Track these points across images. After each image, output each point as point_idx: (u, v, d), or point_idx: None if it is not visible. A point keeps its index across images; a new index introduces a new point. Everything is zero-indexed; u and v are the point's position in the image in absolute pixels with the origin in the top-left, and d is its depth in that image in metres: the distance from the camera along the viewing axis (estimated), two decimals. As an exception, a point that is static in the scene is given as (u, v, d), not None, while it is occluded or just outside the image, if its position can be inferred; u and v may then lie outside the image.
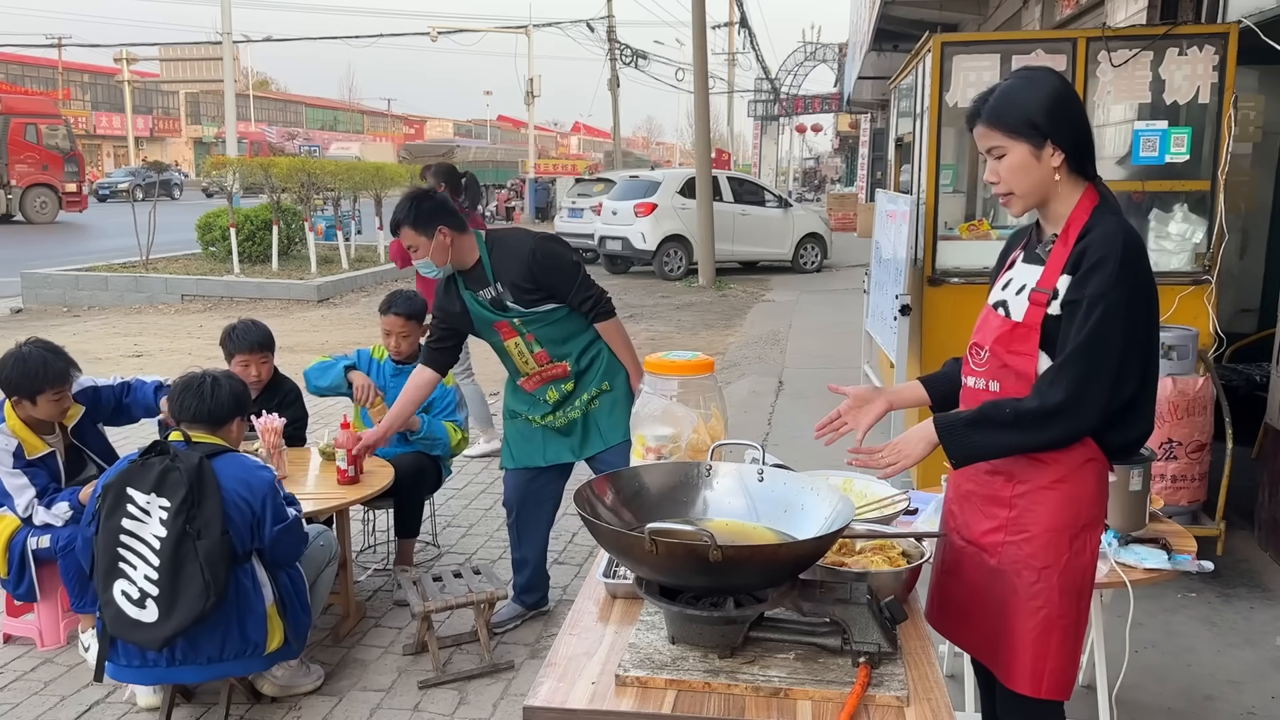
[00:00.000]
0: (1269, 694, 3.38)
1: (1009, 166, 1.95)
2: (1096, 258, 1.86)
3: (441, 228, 3.44)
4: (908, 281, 4.59)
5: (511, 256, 3.51)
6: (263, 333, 4.18)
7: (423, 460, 4.24)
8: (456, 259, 3.53)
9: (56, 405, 3.56)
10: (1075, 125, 1.95)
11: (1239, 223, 5.98)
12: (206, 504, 2.91)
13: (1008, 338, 1.98)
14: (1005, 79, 2.03)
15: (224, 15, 21.26)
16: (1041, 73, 2.00)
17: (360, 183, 15.71)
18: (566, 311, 3.55)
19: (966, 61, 4.48)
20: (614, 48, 32.96)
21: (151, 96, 57.05)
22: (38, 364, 3.48)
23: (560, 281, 3.52)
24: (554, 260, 3.53)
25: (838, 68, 32.43)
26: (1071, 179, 1.96)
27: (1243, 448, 4.38)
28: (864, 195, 26.81)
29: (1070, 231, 1.94)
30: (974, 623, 2.10)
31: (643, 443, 2.27)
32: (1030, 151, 1.93)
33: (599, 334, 3.62)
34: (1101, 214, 1.94)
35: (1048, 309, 1.93)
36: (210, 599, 2.88)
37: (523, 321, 3.52)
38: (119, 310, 12.48)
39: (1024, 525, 1.99)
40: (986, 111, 1.97)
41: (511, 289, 3.50)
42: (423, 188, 4.43)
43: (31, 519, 3.51)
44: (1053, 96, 1.92)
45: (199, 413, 3.12)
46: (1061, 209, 1.97)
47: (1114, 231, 1.88)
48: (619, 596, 1.96)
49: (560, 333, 3.56)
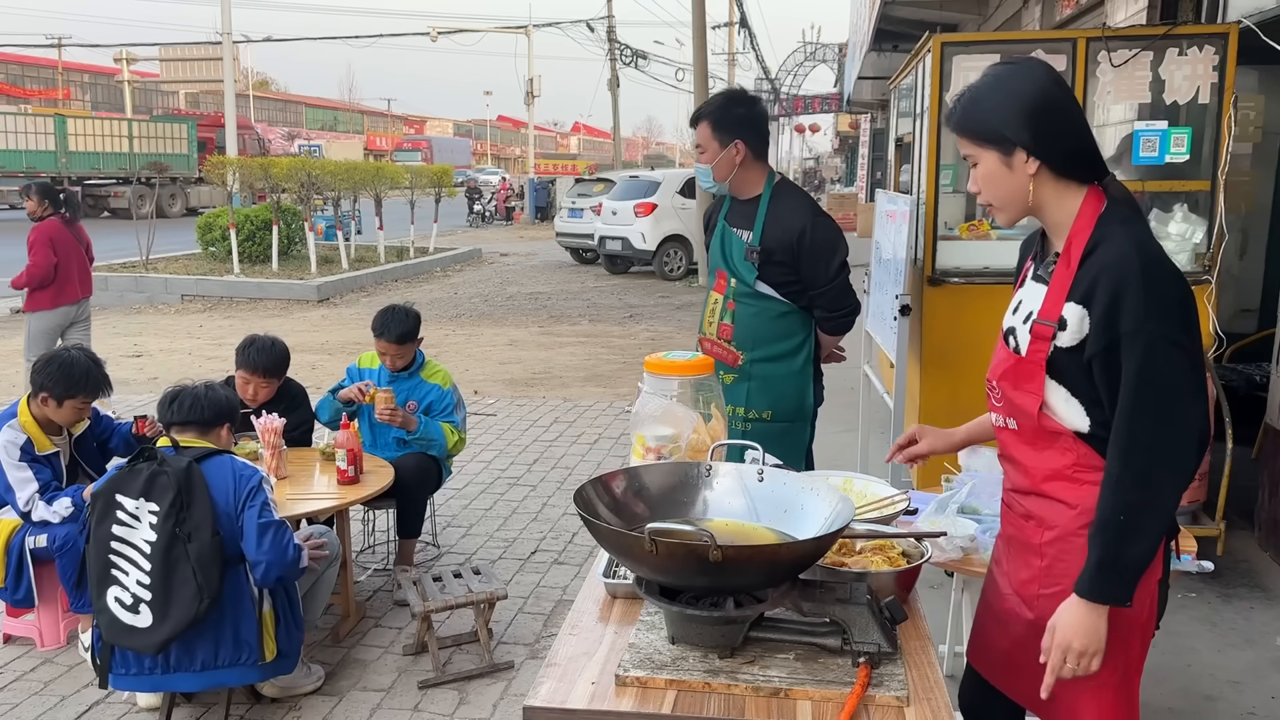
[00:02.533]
0: (1269, 694, 3.38)
1: (981, 175, 1.80)
2: (1114, 286, 1.65)
3: (740, 141, 3.10)
4: (908, 281, 4.59)
5: (788, 215, 3.12)
6: (274, 358, 4.13)
7: (425, 461, 4.24)
8: (737, 181, 3.17)
9: (77, 413, 3.63)
10: (1054, 129, 1.74)
11: (1239, 223, 5.98)
12: (196, 506, 2.90)
13: (1013, 373, 1.83)
14: (978, 79, 1.84)
15: (224, 15, 21.26)
16: (1011, 71, 1.79)
17: (360, 182, 15.72)
18: (790, 310, 3.17)
19: (966, 61, 4.47)
20: (614, 48, 32.93)
21: (151, 96, 56.97)
22: (82, 371, 3.57)
23: (819, 271, 3.11)
24: (826, 242, 3.11)
25: (838, 68, 32.43)
26: (1060, 185, 1.76)
27: (1243, 448, 4.38)
28: (864, 195, 26.80)
29: (1073, 249, 1.74)
30: (1024, 678, 1.90)
31: (643, 443, 2.27)
32: (999, 159, 1.76)
33: (811, 353, 3.20)
34: (1108, 225, 1.72)
35: (1054, 341, 1.74)
36: (204, 601, 2.87)
37: (738, 288, 3.16)
38: (119, 310, 12.48)
39: (1056, 577, 1.81)
40: (956, 118, 1.82)
41: (762, 250, 3.11)
42: (746, 90, 3.83)
43: (30, 514, 3.51)
44: (1022, 99, 1.73)
45: (190, 415, 3.13)
46: (1060, 218, 1.78)
47: (1124, 252, 1.67)
48: (619, 596, 1.96)
49: (766, 327, 3.17)
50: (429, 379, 4.34)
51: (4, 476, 3.50)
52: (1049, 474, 1.83)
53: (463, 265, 18.21)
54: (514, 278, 16.35)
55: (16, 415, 3.58)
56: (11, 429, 3.54)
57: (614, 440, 6.63)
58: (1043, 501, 1.84)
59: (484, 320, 11.94)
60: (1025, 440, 1.86)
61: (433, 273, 16.83)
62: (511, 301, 13.57)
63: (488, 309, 12.86)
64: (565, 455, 6.32)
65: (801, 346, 3.20)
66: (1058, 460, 1.81)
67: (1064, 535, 1.80)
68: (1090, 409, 1.76)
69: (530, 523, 5.11)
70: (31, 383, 3.59)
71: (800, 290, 3.16)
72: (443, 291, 14.49)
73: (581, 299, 13.81)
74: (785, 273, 3.13)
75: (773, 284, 3.15)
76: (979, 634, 2.08)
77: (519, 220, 30.87)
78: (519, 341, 10.49)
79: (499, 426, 7.00)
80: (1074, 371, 1.75)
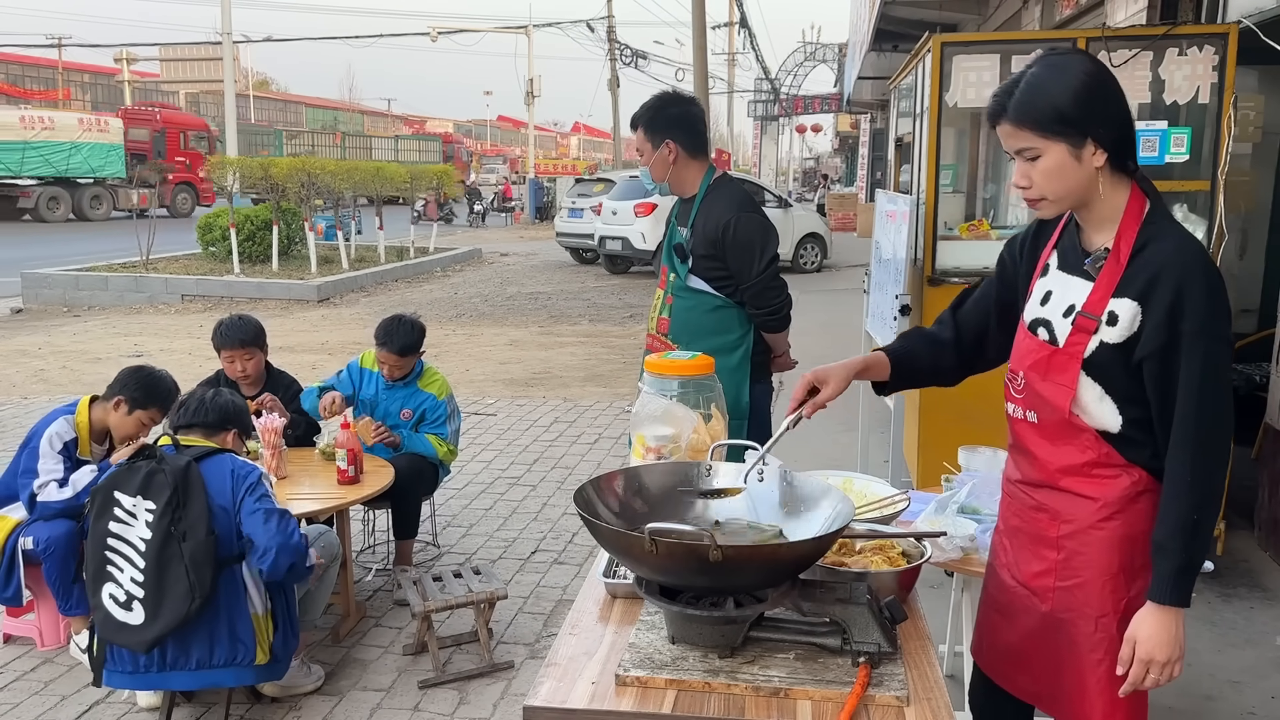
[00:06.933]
0: (1269, 694, 3.39)
1: (1044, 170, 1.70)
2: (1178, 285, 1.64)
3: (670, 141, 3.15)
4: (908, 281, 4.59)
5: (717, 210, 3.14)
6: (249, 328, 4.16)
7: (419, 463, 4.23)
8: (675, 180, 3.22)
9: (140, 427, 3.63)
10: (1116, 116, 1.68)
11: (1239, 223, 5.98)
12: (192, 506, 2.90)
13: (1045, 364, 1.79)
14: (1029, 66, 1.73)
15: (224, 15, 21.27)
16: (1072, 57, 1.71)
17: (360, 182, 15.72)
18: (724, 305, 3.16)
19: (966, 61, 4.47)
20: (614, 48, 32.95)
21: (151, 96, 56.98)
22: (166, 387, 3.65)
23: (744, 265, 3.11)
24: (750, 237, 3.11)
25: (838, 68, 32.41)
26: (1115, 178, 1.72)
27: (1243, 448, 4.38)
28: (864, 195, 26.80)
29: (1122, 244, 1.71)
30: (1032, 673, 1.92)
31: (643, 443, 2.27)
32: (1068, 152, 1.68)
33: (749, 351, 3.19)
34: (1158, 223, 1.71)
35: (1098, 336, 1.72)
36: (195, 600, 2.87)
37: (677, 283, 3.19)
38: (119, 310, 12.48)
39: (1074, 570, 1.82)
40: (1013, 107, 1.70)
41: (692, 244, 3.15)
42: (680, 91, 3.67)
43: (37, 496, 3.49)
44: (1088, 83, 1.66)
45: (194, 418, 3.15)
46: (1107, 214, 1.74)
47: (1190, 249, 1.67)
48: (619, 596, 1.96)
49: (699, 321, 3.17)
50: (425, 388, 4.33)
51: (35, 460, 3.51)
52: (1065, 469, 1.81)
53: (463, 265, 18.21)
54: (514, 278, 16.35)
55: (75, 413, 3.62)
56: (66, 422, 3.58)
57: (614, 440, 6.63)
58: (1057, 494, 1.83)
59: (484, 320, 11.94)
60: (1043, 434, 1.84)
61: (433, 273, 16.83)
62: (511, 301, 13.57)
63: (488, 309, 12.86)
64: (565, 455, 6.32)
65: (739, 343, 3.19)
66: (1076, 457, 1.79)
67: (1083, 529, 1.79)
68: (1124, 408, 1.74)
69: (530, 523, 5.11)
70: (110, 386, 3.62)
71: (734, 286, 3.17)
72: (443, 291, 14.49)
73: (581, 299, 13.82)
74: (716, 267, 3.15)
75: (706, 279, 3.17)
76: (983, 631, 2.07)
77: (519, 220, 30.90)
78: (519, 341, 10.49)
79: (499, 426, 7.00)
80: (1114, 369, 1.73)
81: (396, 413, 4.27)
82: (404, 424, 4.28)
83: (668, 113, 3.20)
